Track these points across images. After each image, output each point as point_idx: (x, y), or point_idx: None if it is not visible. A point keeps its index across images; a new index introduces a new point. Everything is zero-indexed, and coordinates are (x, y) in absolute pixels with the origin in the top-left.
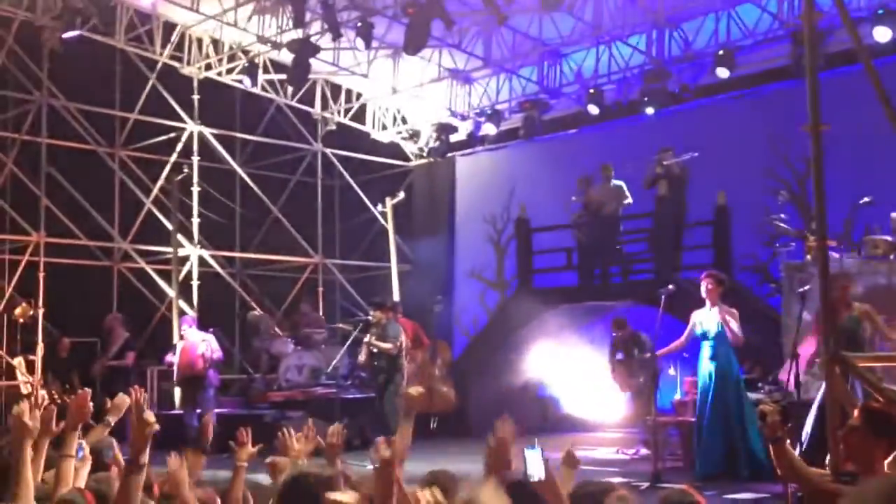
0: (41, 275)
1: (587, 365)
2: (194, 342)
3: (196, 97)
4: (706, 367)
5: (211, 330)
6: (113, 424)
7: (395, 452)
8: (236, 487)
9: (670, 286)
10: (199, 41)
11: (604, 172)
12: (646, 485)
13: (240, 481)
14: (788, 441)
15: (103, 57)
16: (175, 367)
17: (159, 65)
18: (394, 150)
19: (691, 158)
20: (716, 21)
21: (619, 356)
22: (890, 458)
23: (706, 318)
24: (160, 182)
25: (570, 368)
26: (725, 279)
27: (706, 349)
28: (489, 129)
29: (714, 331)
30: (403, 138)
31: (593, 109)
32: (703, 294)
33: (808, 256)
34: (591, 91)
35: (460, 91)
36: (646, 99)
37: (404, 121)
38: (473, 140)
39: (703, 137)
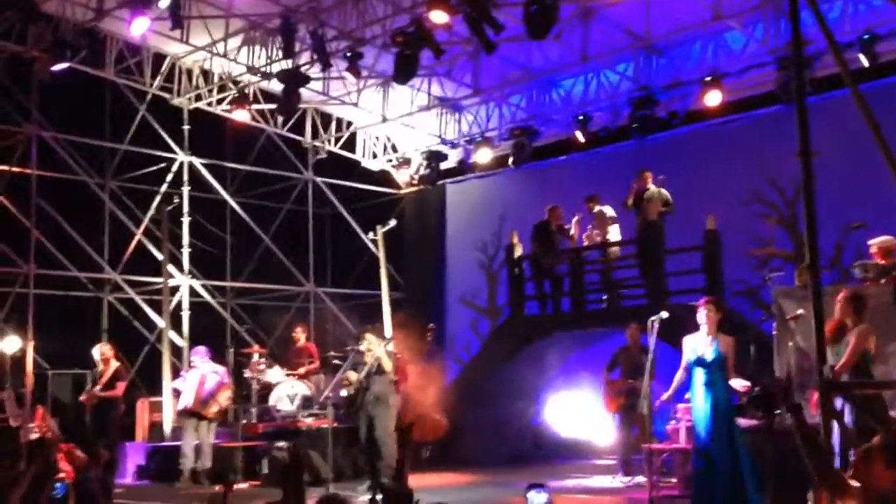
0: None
1: (581, 391)
2: (205, 373)
3: (186, 127)
4: (700, 394)
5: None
6: None
7: None
8: None
9: (663, 313)
10: (189, 72)
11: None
12: None
13: None
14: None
15: (93, 88)
16: (186, 396)
17: (149, 96)
18: (384, 178)
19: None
20: (702, 47)
21: (613, 375)
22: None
23: (700, 344)
24: (150, 212)
25: (564, 395)
26: (723, 306)
27: (700, 375)
28: (479, 156)
29: (710, 357)
30: (394, 166)
31: (581, 136)
32: (702, 320)
33: (798, 282)
34: (580, 117)
35: (450, 119)
36: (634, 125)
37: (395, 149)
38: (464, 167)
39: (691, 163)
